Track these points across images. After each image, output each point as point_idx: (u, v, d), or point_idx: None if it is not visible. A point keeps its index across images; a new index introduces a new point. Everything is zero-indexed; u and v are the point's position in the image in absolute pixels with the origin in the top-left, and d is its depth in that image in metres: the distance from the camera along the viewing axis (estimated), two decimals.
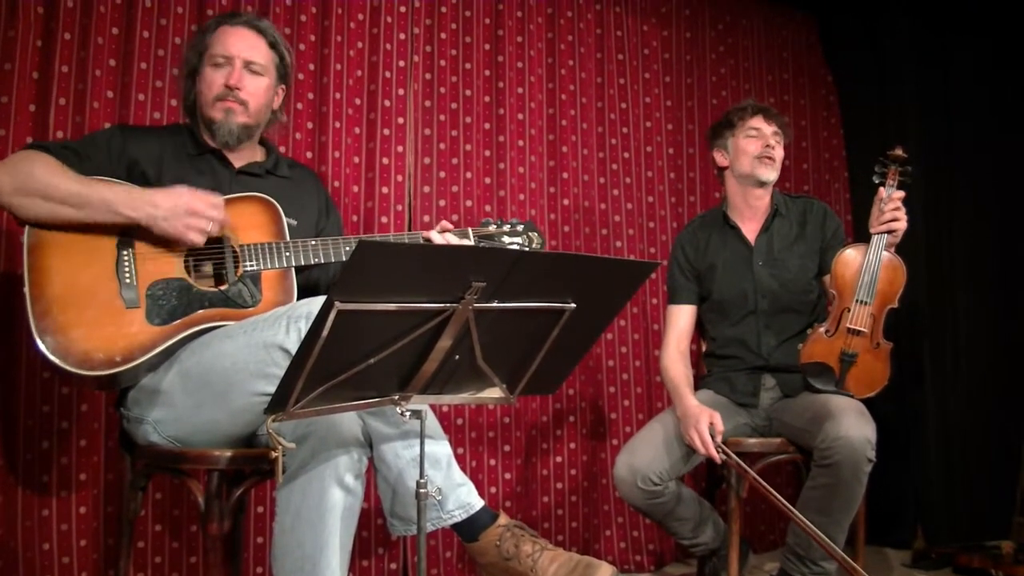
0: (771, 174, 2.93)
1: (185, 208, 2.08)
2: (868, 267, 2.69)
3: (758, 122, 2.96)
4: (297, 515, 1.90)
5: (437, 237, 2.36)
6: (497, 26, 3.62)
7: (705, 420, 2.56)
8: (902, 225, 2.71)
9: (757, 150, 2.93)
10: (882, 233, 2.71)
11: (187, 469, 2.11)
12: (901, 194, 2.72)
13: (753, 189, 2.97)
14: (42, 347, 1.95)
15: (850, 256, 2.75)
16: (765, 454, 2.70)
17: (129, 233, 2.11)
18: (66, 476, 2.67)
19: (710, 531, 2.76)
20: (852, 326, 2.68)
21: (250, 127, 2.38)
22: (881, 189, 2.75)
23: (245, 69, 2.35)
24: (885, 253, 2.71)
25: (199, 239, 2.10)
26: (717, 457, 2.53)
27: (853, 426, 2.43)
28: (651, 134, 3.96)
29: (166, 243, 2.13)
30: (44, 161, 2.08)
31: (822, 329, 2.74)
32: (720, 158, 3.04)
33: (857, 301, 2.69)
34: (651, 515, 2.69)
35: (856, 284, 2.70)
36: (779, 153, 2.96)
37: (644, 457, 2.63)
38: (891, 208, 2.70)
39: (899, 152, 2.79)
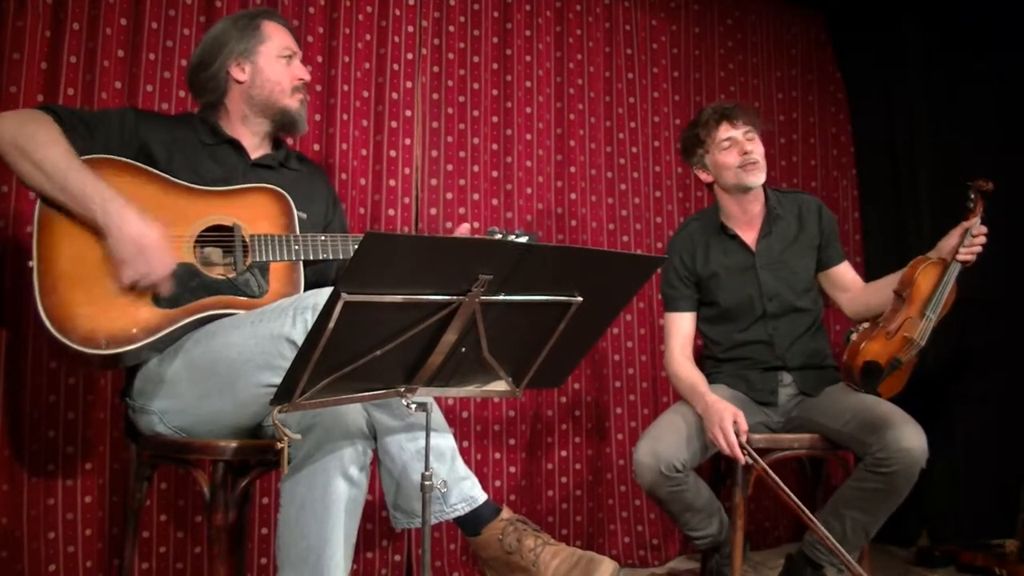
0: (759, 177, 2.88)
1: (141, 247, 2.02)
2: (944, 287, 2.71)
3: (726, 130, 2.89)
4: (302, 507, 1.90)
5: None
6: (505, 19, 3.61)
7: (729, 418, 2.53)
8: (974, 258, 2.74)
9: (736, 160, 2.87)
10: (962, 261, 2.71)
11: (192, 459, 2.11)
12: (985, 229, 2.73)
13: (745, 196, 2.94)
14: (47, 323, 1.96)
15: (930, 270, 2.74)
16: (772, 450, 2.70)
17: (141, 216, 2.09)
18: (72, 465, 2.67)
19: (716, 523, 2.76)
20: (917, 339, 2.70)
21: None
22: (972, 219, 2.74)
23: None
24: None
25: (126, 281, 2.03)
26: (742, 458, 2.52)
27: (913, 437, 2.45)
28: (659, 129, 3.95)
29: (177, 227, 2.14)
30: (48, 129, 2.07)
31: (883, 328, 2.73)
32: (703, 175, 2.99)
33: (926, 316, 2.71)
34: (666, 503, 2.67)
35: (930, 299, 2.71)
36: (759, 150, 2.89)
37: (668, 444, 2.60)
38: (980, 242, 2.71)
39: (990, 186, 2.78)
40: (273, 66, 2.39)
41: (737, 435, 2.52)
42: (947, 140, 3.99)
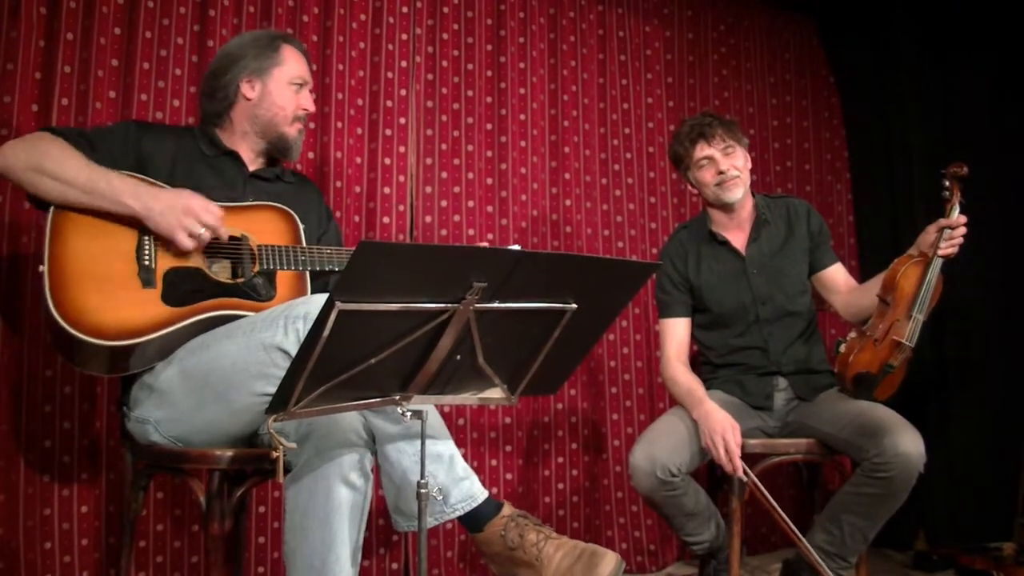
0: (736, 193, 2.89)
1: (183, 207, 2.09)
2: (928, 285, 2.66)
3: (701, 150, 2.90)
4: (304, 514, 1.91)
5: None
6: (499, 27, 3.62)
7: (731, 431, 2.55)
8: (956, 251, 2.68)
9: (713, 178, 2.89)
10: (943, 256, 2.65)
11: (188, 468, 2.11)
12: (965, 219, 2.65)
13: (729, 208, 2.96)
14: (55, 314, 1.96)
15: (911, 271, 2.68)
16: (768, 455, 2.70)
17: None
18: (68, 475, 2.67)
19: (713, 528, 2.76)
20: (907, 342, 2.66)
21: None
22: (948, 209, 2.66)
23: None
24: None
25: (187, 242, 2.09)
26: (739, 471, 2.54)
27: (911, 442, 2.45)
28: (653, 135, 3.96)
29: None
30: (58, 143, 2.12)
31: (870, 336, 2.70)
32: (690, 187, 3.03)
33: (913, 318, 2.66)
34: (662, 507, 2.67)
35: (915, 300, 2.66)
36: (738, 164, 2.90)
37: (664, 448, 2.60)
38: (960, 234, 2.64)
39: (965, 170, 2.71)
40: (282, 91, 2.42)
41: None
42: (941, 142, 4.00)
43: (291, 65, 2.44)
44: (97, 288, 2.03)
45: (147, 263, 2.10)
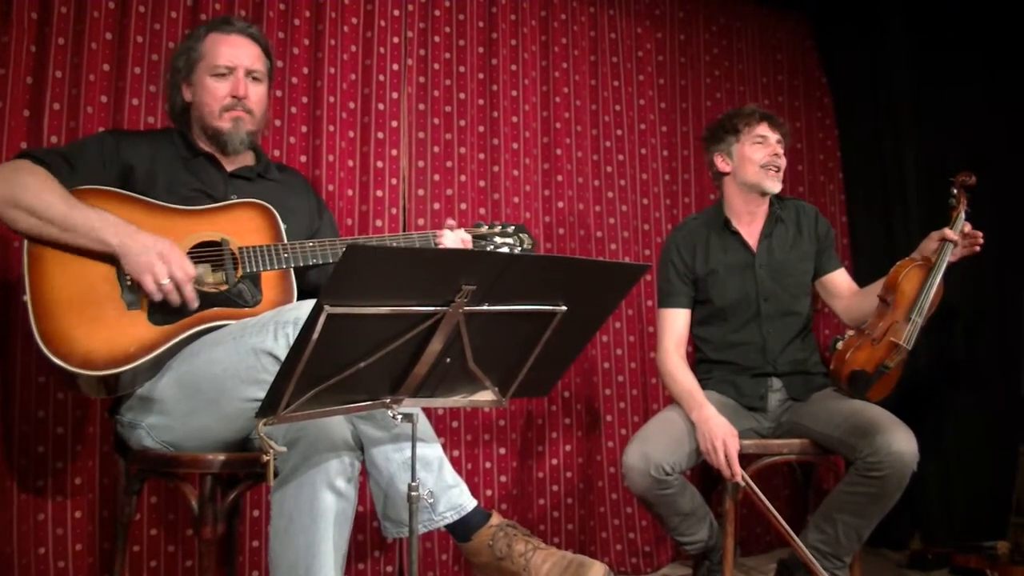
0: (776, 185, 2.93)
1: (158, 250, 2.05)
2: (928, 289, 2.67)
3: (764, 129, 2.95)
4: (290, 519, 1.91)
5: (450, 235, 2.39)
6: (491, 29, 3.62)
7: (730, 438, 2.57)
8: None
9: (764, 158, 2.92)
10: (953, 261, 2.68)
11: (181, 473, 2.11)
12: (969, 227, 2.70)
13: (756, 197, 2.97)
14: (44, 349, 1.95)
15: (914, 274, 2.70)
16: (762, 455, 2.70)
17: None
18: (61, 481, 2.67)
19: (707, 528, 2.77)
20: (904, 344, 2.67)
21: (255, 133, 2.43)
22: (955, 220, 2.70)
23: (248, 78, 2.36)
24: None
25: (151, 285, 2.03)
26: (740, 481, 2.55)
27: (904, 441, 2.46)
28: (645, 136, 3.96)
29: None
30: (36, 175, 2.07)
31: (869, 335, 2.71)
32: (721, 163, 3.01)
33: (912, 320, 2.67)
34: (656, 507, 2.67)
35: (915, 302, 2.67)
36: (784, 162, 2.96)
37: (658, 446, 2.60)
38: (971, 241, 2.69)
39: (973, 179, 2.75)
40: (206, 87, 2.34)
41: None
42: (934, 142, 4.01)
43: (212, 55, 2.34)
44: (82, 314, 2.02)
45: (130, 284, 2.08)
